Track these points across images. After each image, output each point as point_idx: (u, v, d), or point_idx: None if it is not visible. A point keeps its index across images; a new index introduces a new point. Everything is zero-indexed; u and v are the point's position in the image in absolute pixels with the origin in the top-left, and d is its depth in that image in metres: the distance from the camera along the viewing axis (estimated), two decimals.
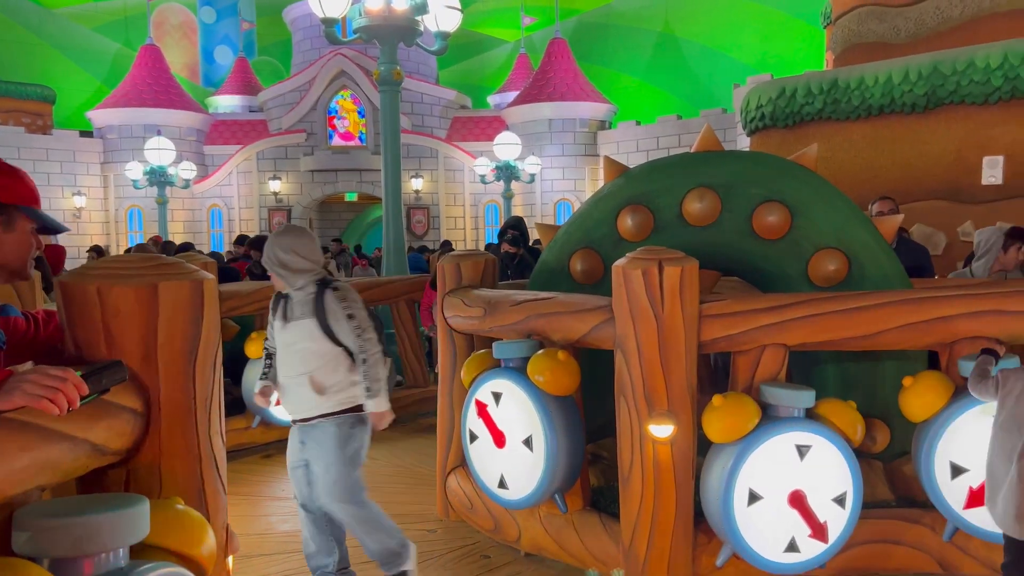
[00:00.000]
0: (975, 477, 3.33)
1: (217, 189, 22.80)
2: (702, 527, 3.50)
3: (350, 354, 3.51)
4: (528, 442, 3.68)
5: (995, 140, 6.71)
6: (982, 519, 3.33)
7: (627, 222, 4.24)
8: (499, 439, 3.79)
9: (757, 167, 4.27)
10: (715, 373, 5.42)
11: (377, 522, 3.54)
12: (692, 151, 4.45)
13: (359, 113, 22.61)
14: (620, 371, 3.49)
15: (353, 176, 22.47)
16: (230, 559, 2.21)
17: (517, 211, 20.82)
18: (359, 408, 3.54)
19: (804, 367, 4.22)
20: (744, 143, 12.01)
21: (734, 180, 4.18)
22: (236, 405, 6.01)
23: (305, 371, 3.48)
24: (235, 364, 6.02)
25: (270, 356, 3.66)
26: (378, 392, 3.48)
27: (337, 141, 22.74)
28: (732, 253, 4.25)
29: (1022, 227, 5.40)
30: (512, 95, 25.43)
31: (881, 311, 3.52)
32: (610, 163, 4.56)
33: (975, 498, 3.34)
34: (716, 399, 3.36)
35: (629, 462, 3.47)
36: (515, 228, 7.82)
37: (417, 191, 22.74)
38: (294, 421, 3.61)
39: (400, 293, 7.39)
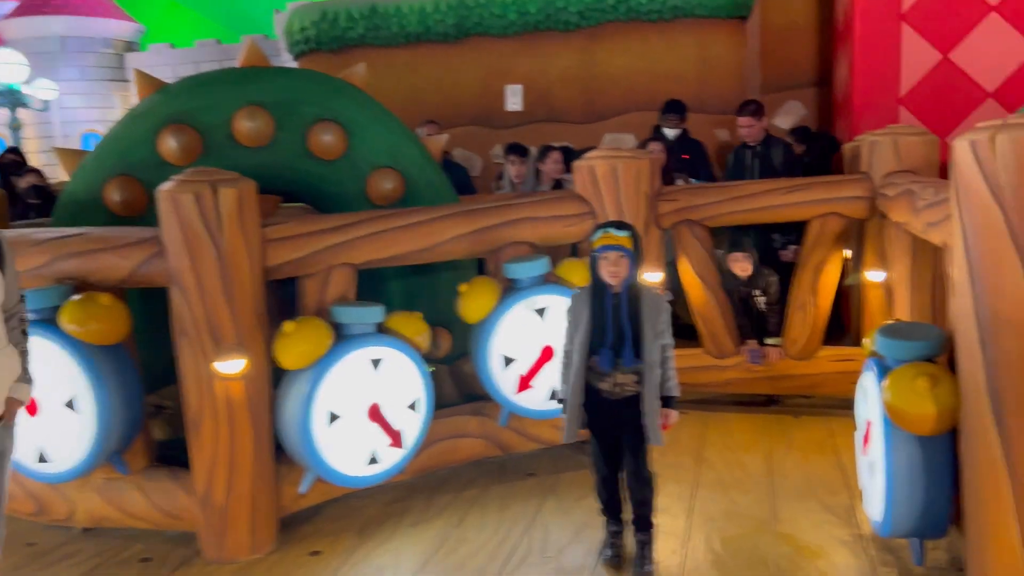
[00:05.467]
0: (523, 365, 3.75)
1: None
2: (283, 459, 3.39)
3: None
4: (72, 404, 3.14)
5: (515, 70, 7.52)
6: (530, 400, 3.78)
7: (170, 143, 3.79)
8: (30, 407, 3.17)
9: (310, 84, 4.13)
10: None
11: None
12: (238, 66, 4.12)
13: None
14: (178, 308, 3.14)
15: None
16: None
17: (31, 144, 17.70)
18: None
19: (370, 284, 4.29)
20: None
21: (286, 98, 3.98)
22: None
23: None
24: None
25: None
26: None
27: None
28: (290, 175, 4.08)
29: (517, 142, 6.20)
30: (10, 6, 21.20)
31: (438, 224, 3.70)
32: (144, 77, 4.01)
33: (524, 383, 3.77)
34: (287, 325, 3.22)
35: (198, 406, 3.17)
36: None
37: None
38: None
39: None
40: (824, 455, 4.08)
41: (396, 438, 3.45)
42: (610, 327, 2.86)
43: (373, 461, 3.42)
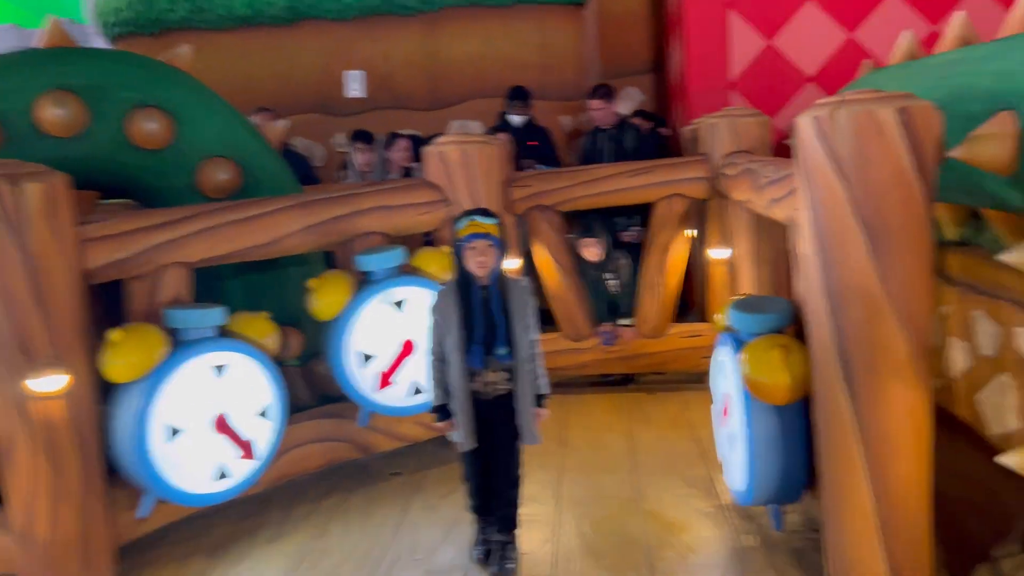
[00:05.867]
0: (383, 361, 3.58)
1: None
2: (117, 483, 3.05)
3: None
4: None
5: (355, 55, 7.24)
6: (392, 397, 3.62)
7: None
8: None
9: (128, 67, 3.73)
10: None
11: None
12: (40, 47, 3.66)
13: None
14: None
15: None
16: None
17: None
18: None
19: (209, 285, 3.96)
20: None
21: (101, 82, 3.57)
22: None
23: None
24: None
25: None
26: None
27: None
28: (109, 167, 3.67)
29: (363, 129, 6.03)
30: None
31: (280, 217, 3.46)
32: None
33: (384, 380, 3.60)
34: (113, 334, 2.89)
35: (9, 432, 2.78)
36: None
37: None
38: None
39: None
40: (680, 430, 4.19)
41: (247, 449, 3.20)
42: (480, 322, 2.73)
43: (222, 476, 3.15)
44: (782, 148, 5.39)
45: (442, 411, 2.87)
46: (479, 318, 2.73)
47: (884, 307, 2.34)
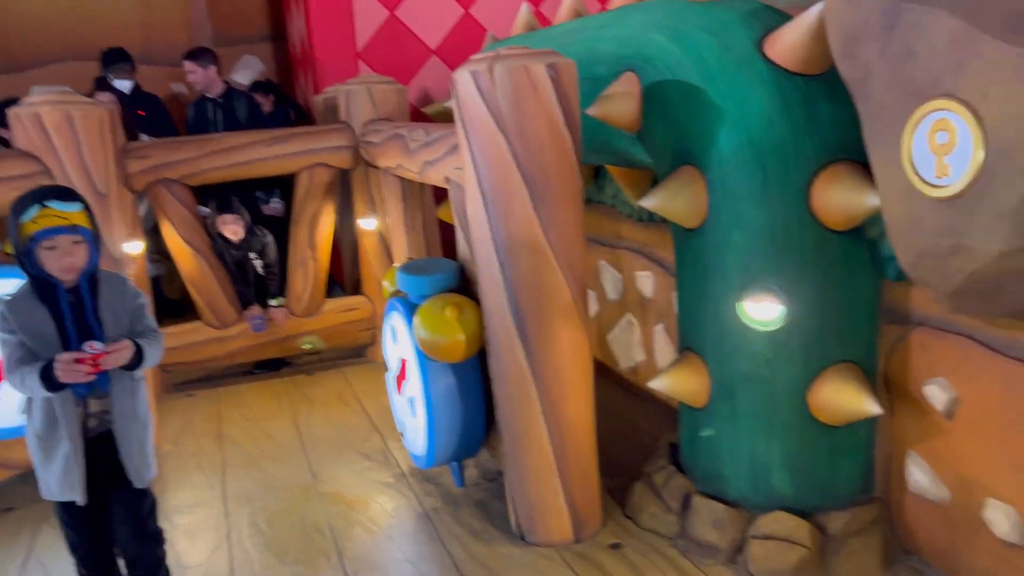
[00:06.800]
0: None
1: None
2: None
3: None
4: None
5: None
6: None
7: None
8: None
9: None
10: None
11: None
12: None
13: None
14: None
15: None
16: None
17: None
18: None
19: None
20: None
21: None
22: None
23: None
24: None
25: None
26: None
27: None
28: None
29: None
30: None
31: None
32: None
33: None
34: None
35: None
36: None
37: None
38: None
39: None
40: (348, 405, 4.06)
41: None
42: (74, 335, 2.04)
43: None
44: (417, 116, 5.48)
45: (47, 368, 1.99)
46: (72, 331, 2.04)
47: (548, 256, 2.45)
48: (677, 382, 2.58)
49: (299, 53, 6.36)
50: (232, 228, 4.31)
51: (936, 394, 2.22)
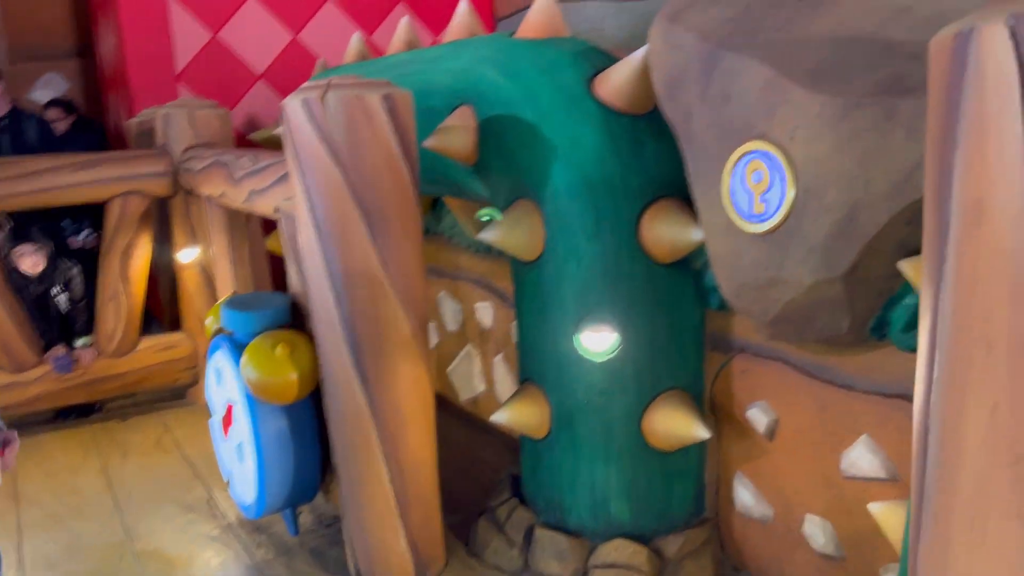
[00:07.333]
0: None
1: None
2: None
3: None
4: None
5: None
6: None
7: None
8: None
9: None
10: None
11: None
12: None
13: None
14: None
15: None
16: None
17: None
18: None
19: None
20: None
21: None
22: None
23: None
24: None
25: None
26: None
27: None
28: None
29: None
30: None
31: None
32: None
33: None
34: None
35: None
36: None
37: None
38: None
39: None
40: (167, 453, 3.75)
41: None
42: None
43: None
44: (243, 143, 5.23)
45: None
46: None
47: (387, 289, 2.39)
48: (518, 414, 2.58)
49: (110, 73, 5.92)
50: (31, 260, 3.89)
51: (758, 417, 2.36)
